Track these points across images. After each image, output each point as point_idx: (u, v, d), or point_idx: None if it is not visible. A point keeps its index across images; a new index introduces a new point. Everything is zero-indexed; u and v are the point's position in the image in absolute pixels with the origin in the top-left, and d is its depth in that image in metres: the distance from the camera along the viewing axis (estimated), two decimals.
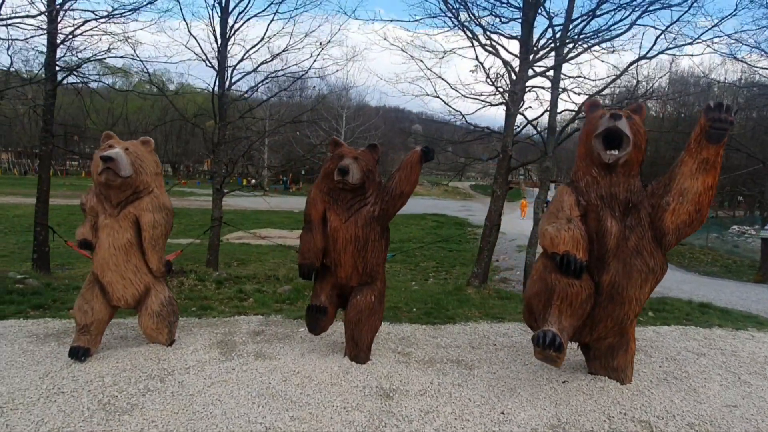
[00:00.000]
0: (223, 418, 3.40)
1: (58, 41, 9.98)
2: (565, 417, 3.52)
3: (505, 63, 8.68)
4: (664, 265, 3.76)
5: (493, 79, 9.51)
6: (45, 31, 9.39)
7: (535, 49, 9.62)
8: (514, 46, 11.00)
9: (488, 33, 10.32)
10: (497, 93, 11.64)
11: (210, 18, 12.19)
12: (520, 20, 10.38)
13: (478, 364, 4.47)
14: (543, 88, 11.40)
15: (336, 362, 4.30)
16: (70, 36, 9.96)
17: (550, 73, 9.94)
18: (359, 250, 4.15)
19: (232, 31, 12.37)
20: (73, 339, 4.23)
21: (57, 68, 10.32)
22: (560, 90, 10.45)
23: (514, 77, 9.84)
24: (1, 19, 6.71)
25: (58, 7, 9.37)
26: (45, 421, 3.29)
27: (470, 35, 9.05)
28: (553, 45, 10.00)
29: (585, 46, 8.55)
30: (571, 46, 9.39)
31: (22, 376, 3.89)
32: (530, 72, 8.65)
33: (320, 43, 13.39)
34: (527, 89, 11.19)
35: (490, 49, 8.76)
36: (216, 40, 12.25)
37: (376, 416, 3.48)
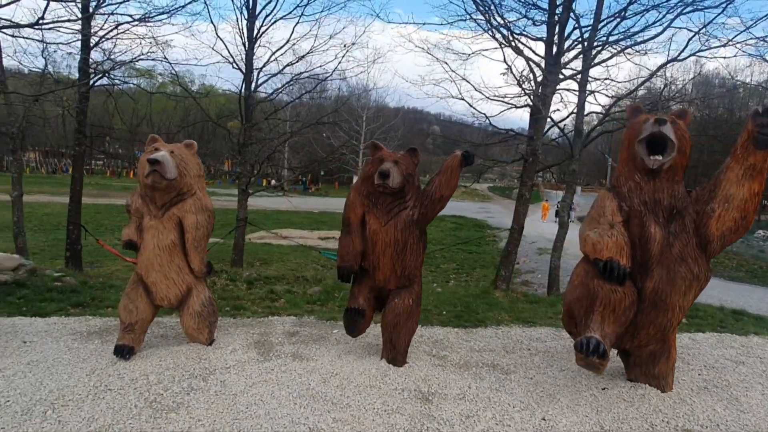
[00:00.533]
0: (267, 418, 3.46)
1: (92, 44, 10.24)
2: (608, 425, 3.50)
3: (536, 65, 8.62)
4: (708, 273, 3.71)
5: (522, 82, 9.47)
6: (79, 35, 9.62)
7: (564, 51, 9.56)
8: (542, 49, 10.94)
9: (515, 35, 10.29)
10: (524, 95, 11.58)
11: (238, 21, 12.37)
12: (548, 22, 10.34)
13: (514, 368, 4.46)
14: (569, 90, 11.32)
15: (373, 364, 4.34)
16: (104, 39, 10.20)
17: (578, 75, 9.87)
18: (398, 253, 4.17)
19: (259, 34, 12.53)
20: (118, 337, 4.33)
21: (90, 71, 10.59)
22: (587, 92, 10.36)
23: (545, 80, 9.79)
24: (45, 23, 6.87)
25: (92, 11, 9.62)
26: (95, 418, 3.38)
27: (501, 38, 9.03)
28: (581, 47, 9.93)
29: (617, 48, 8.45)
30: (599, 48, 9.31)
31: (70, 372, 4.00)
32: (559, 75, 8.57)
33: (344, 45, 13.51)
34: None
35: (522, 51, 8.72)
36: (243, 43, 12.43)
37: (417, 420, 3.50)
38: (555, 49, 10.30)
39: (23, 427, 3.23)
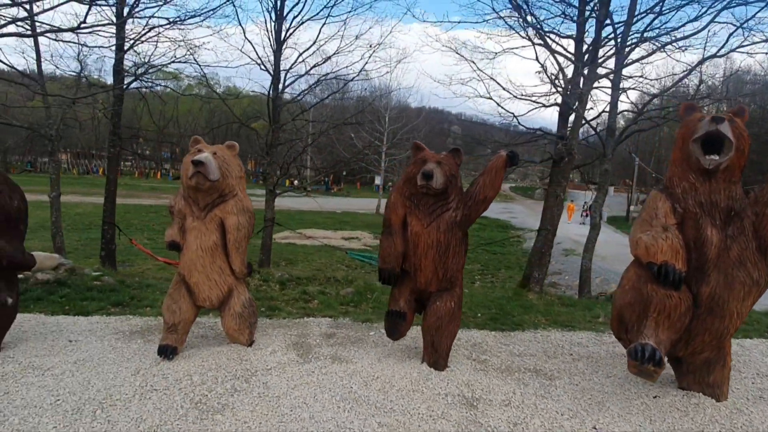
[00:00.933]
0: (311, 422, 3.44)
1: (124, 48, 10.42)
2: None
3: (571, 62, 8.45)
4: None
5: (555, 81, 9.31)
6: (114, 38, 9.80)
7: (599, 47, 9.35)
8: (572, 47, 10.75)
9: (546, 33, 10.13)
10: (552, 94, 11.39)
11: (266, 23, 12.45)
12: (578, 21, 10.16)
13: (557, 374, 4.36)
14: (602, 88, 11.09)
15: (414, 368, 4.28)
16: (138, 42, 10.37)
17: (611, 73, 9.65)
18: (440, 255, 4.11)
19: (287, 36, 12.59)
20: (161, 337, 4.37)
21: (125, 74, 10.80)
22: (621, 90, 10.13)
23: (577, 78, 9.61)
24: (86, 27, 7.01)
25: (126, 15, 9.79)
26: (143, 419, 3.41)
27: (532, 36, 8.89)
28: (615, 45, 9.71)
29: (656, 44, 8.21)
30: (633, 45, 9.08)
31: (116, 372, 4.05)
32: (596, 72, 8.38)
33: (370, 46, 13.49)
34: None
35: (555, 50, 8.56)
36: (271, 45, 12.52)
37: (464, 426, 3.44)
38: (589, 46, 10.10)
39: (74, 427, 3.27)
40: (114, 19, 9.32)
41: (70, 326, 5.10)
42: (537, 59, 10.71)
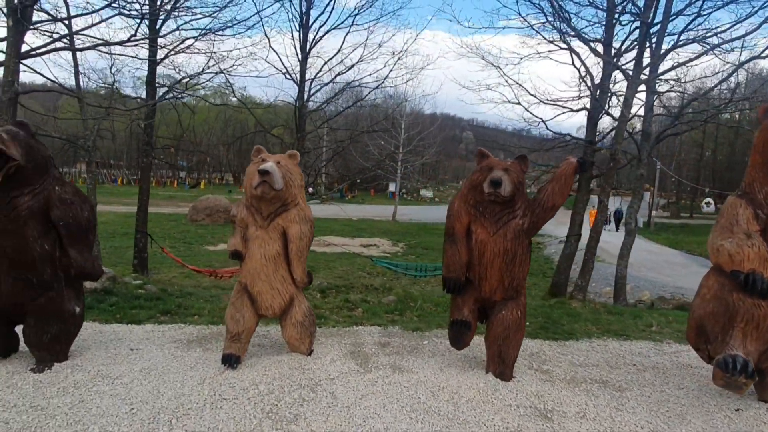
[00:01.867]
0: None
1: (157, 60, 10.57)
2: None
3: (619, 69, 8.37)
4: None
5: (585, 84, 9.24)
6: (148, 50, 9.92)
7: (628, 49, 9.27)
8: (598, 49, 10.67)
9: (571, 36, 10.07)
10: (582, 98, 11.30)
11: (292, 33, 12.54)
12: (606, 24, 10.10)
13: (626, 385, 4.26)
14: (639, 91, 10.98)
15: (480, 378, 4.22)
16: (171, 54, 10.49)
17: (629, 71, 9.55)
18: (507, 263, 4.06)
19: (313, 44, 12.67)
20: (225, 346, 4.36)
21: (158, 85, 10.95)
22: (656, 94, 10.02)
23: (610, 82, 9.53)
24: (134, 40, 7.11)
25: (159, 26, 9.91)
26: (219, 428, 3.39)
27: (562, 41, 8.84)
28: (649, 46, 9.61)
29: (706, 46, 8.07)
30: (675, 47, 8.95)
31: (182, 381, 4.04)
32: (641, 75, 8.29)
33: (393, 53, 13.51)
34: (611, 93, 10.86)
35: (597, 53, 8.49)
36: (297, 54, 12.60)
37: None
38: (621, 48, 10.01)
39: None
40: (147, 32, 9.43)
41: (126, 335, 5.12)
42: (573, 64, 10.66)
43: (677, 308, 8.43)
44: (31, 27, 5.57)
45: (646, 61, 9.29)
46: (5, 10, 5.50)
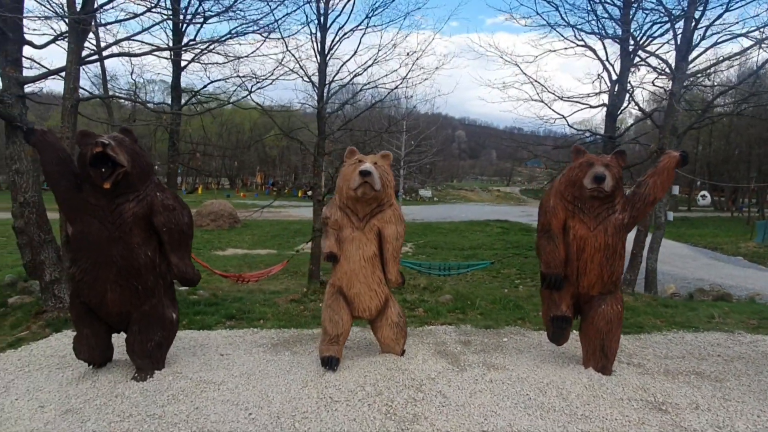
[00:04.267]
0: (513, 431, 3.39)
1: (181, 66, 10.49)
2: None
3: (661, 66, 8.44)
4: None
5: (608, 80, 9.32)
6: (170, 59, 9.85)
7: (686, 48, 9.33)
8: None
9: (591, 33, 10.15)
10: (601, 94, 11.43)
11: (311, 36, 12.52)
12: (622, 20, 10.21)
13: (722, 376, 4.30)
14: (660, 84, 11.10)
15: (581, 373, 4.23)
16: (195, 60, 10.42)
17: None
18: (607, 258, 4.08)
19: (332, 47, 12.64)
20: (323, 348, 4.33)
21: (183, 92, 10.87)
22: (684, 87, 10.12)
23: (627, 78, 9.66)
24: (185, 46, 7.04)
25: (183, 34, 9.83)
26: (345, 430, 3.37)
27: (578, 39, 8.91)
28: (674, 41, 9.70)
29: (753, 38, 8.13)
30: (717, 42, 9.01)
31: (285, 384, 4.00)
32: (680, 72, 8.35)
33: (408, 54, 13.52)
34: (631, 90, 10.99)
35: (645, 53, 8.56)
36: (316, 57, 12.56)
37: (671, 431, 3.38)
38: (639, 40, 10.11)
39: None
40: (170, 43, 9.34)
41: (206, 340, 5.06)
42: (600, 59, 10.76)
43: (718, 299, 8.51)
44: (95, 29, 5.50)
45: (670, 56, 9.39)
46: (67, 19, 5.42)
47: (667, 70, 9.27)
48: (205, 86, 10.88)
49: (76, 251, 3.78)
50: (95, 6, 5.60)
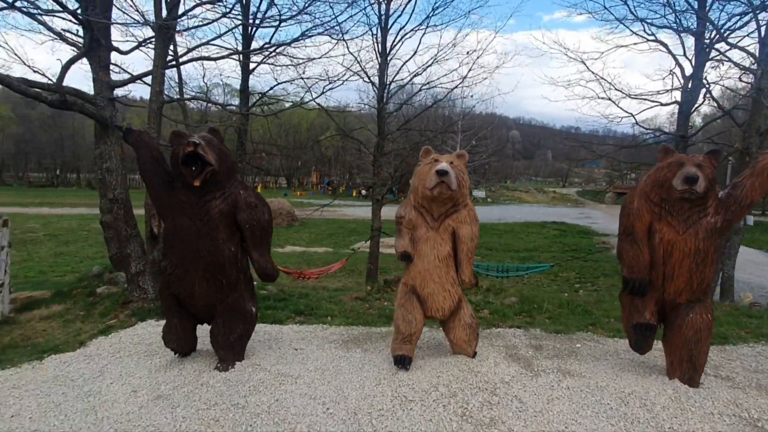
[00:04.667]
0: None
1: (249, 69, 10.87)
2: None
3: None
4: None
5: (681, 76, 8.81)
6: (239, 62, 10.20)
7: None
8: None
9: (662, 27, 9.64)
10: (672, 91, 10.86)
11: (373, 37, 12.62)
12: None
13: None
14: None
15: (664, 384, 4.03)
16: (264, 62, 10.77)
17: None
18: (697, 264, 3.86)
19: (393, 48, 12.69)
20: (395, 347, 4.36)
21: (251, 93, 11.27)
22: None
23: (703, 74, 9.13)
24: (253, 51, 7.31)
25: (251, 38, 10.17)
26: (423, 431, 3.38)
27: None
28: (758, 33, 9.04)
29: None
30: None
31: (359, 381, 4.06)
32: None
33: (468, 53, 13.36)
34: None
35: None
36: (376, 57, 12.66)
37: None
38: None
39: None
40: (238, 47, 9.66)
41: (279, 334, 5.23)
42: (673, 54, 10.24)
43: None
44: (176, 32, 5.83)
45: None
46: (152, 25, 5.76)
47: (754, 64, 8.68)
48: (271, 88, 11.27)
49: (168, 246, 4.01)
50: (179, 12, 5.91)
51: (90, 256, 14.93)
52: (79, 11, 5.57)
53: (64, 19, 6.96)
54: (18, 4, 5.04)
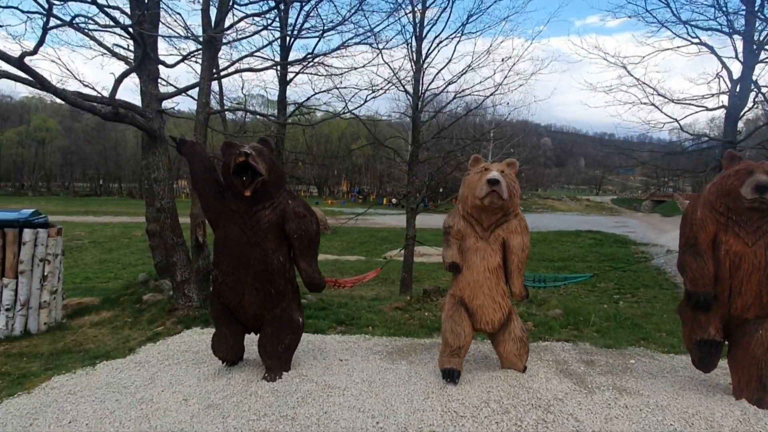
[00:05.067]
0: None
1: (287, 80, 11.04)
2: None
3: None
4: None
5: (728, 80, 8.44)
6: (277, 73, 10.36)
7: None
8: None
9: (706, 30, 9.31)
10: (719, 95, 10.46)
11: (408, 46, 12.62)
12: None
13: None
14: None
15: (731, 404, 3.80)
16: (303, 72, 10.91)
17: None
18: (767, 277, 3.64)
19: (427, 56, 12.67)
20: (443, 360, 4.27)
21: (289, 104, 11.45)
22: None
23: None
24: (293, 62, 7.41)
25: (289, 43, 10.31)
26: None
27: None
28: None
29: None
30: None
31: (407, 394, 3.97)
32: None
33: (503, 60, 13.20)
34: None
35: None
36: (411, 66, 12.65)
37: None
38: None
39: None
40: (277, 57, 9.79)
41: (322, 345, 5.20)
42: (719, 57, 9.91)
43: None
44: (222, 44, 5.96)
45: None
46: (201, 38, 5.90)
47: None
48: (308, 98, 11.40)
49: (218, 255, 4.05)
50: (225, 26, 6.05)
51: (132, 263, 15.37)
52: (131, 27, 5.76)
53: (114, 33, 7.24)
54: (76, 21, 5.24)
